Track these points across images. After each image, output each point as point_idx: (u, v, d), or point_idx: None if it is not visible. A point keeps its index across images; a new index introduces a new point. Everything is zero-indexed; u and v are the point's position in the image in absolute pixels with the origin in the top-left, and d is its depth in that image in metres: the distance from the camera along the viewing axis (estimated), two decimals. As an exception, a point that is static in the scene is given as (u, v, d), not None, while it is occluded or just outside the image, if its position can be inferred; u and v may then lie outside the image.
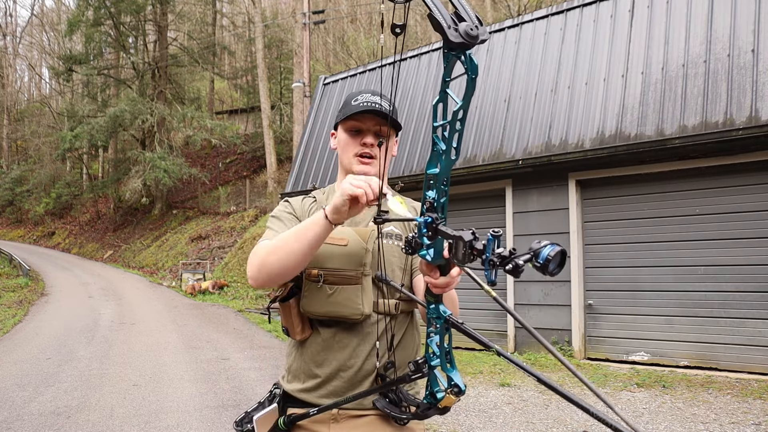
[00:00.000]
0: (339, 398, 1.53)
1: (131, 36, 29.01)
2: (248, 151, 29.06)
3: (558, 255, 0.92)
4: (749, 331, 6.22)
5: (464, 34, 0.89)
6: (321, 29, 27.00)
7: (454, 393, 1.23)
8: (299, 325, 1.59)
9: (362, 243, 1.53)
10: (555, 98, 7.82)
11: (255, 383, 6.46)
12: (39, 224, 35.45)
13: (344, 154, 1.67)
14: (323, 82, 11.79)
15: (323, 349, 1.58)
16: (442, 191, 1.10)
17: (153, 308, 13.54)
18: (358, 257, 1.53)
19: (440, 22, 0.90)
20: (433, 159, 1.08)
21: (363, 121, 1.63)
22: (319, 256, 1.53)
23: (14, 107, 42.70)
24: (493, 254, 0.96)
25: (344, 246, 1.53)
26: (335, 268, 1.52)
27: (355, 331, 1.55)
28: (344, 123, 1.67)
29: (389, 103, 1.64)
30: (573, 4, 8.22)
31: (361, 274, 1.52)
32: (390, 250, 1.58)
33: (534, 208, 7.81)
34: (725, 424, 4.68)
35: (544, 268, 0.92)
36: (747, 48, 6.42)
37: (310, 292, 1.54)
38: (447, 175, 1.08)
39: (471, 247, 0.99)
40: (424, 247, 1.14)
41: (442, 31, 0.90)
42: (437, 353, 1.25)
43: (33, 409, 5.55)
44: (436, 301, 1.23)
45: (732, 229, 6.40)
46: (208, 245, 21.55)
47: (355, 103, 1.63)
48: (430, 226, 1.09)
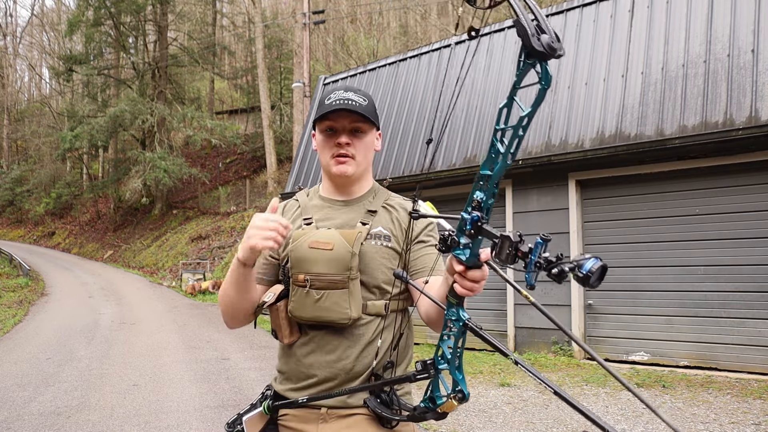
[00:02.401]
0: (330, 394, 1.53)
1: (131, 36, 29.02)
2: (248, 151, 29.06)
3: (599, 270, 0.94)
4: (749, 331, 6.22)
5: (546, 45, 0.91)
6: (321, 29, 27.00)
7: (457, 399, 1.22)
8: (287, 328, 1.58)
9: (348, 246, 1.51)
10: (555, 98, 7.82)
11: (255, 383, 6.47)
12: (39, 224, 35.46)
13: (322, 155, 1.65)
14: (323, 82, 11.79)
15: (312, 352, 1.56)
16: (492, 193, 1.10)
17: (153, 308, 13.54)
18: (344, 261, 1.50)
19: (526, 29, 0.92)
20: (488, 161, 1.08)
21: (336, 119, 1.59)
22: (305, 261, 1.52)
23: (14, 107, 42.71)
24: (540, 257, 0.97)
25: (330, 250, 1.51)
26: (321, 273, 1.50)
27: (345, 334, 1.54)
28: (319, 123, 1.63)
29: (364, 98, 1.60)
30: (573, 4, 8.22)
31: (348, 278, 1.51)
32: (378, 251, 1.56)
33: (534, 208, 7.81)
34: (725, 424, 4.68)
35: (585, 280, 0.93)
36: (747, 48, 6.42)
37: (297, 297, 1.53)
38: (499, 178, 1.09)
39: (516, 248, 1.00)
40: (461, 246, 1.13)
41: (526, 38, 0.92)
42: (448, 357, 1.24)
43: (33, 409, 5.55)
44: (458, 304, 1.21)
45: (732, 229, 6.40)
46: (208, 245, 21.55)
47: (328, 102, 1.59)
48: (475, 224, 1.09)
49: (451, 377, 1.24)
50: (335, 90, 1.63)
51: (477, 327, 1.21)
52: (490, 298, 8.12)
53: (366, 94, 1.63)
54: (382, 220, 1.62)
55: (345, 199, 1.67)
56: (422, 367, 1.30)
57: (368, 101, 1.61)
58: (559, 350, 7.42)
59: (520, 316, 7.87)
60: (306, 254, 1.52)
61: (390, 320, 1.58)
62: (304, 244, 1.54)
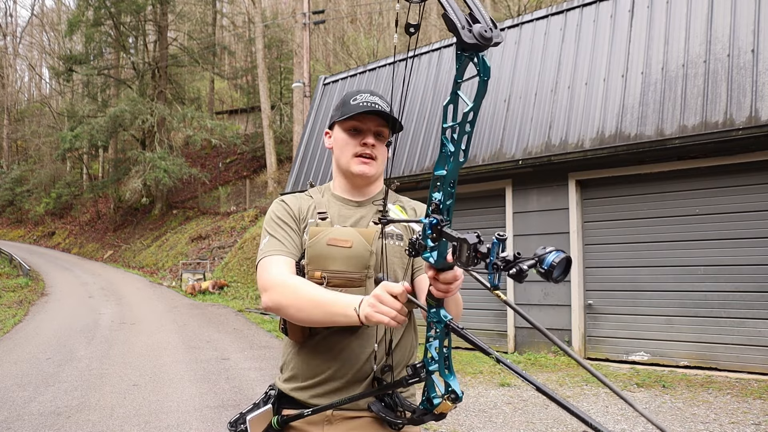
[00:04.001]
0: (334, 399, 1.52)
1: (131, 36, 29.00)
2: (248, 151, 29.05)
3: (563, 262, 0.92)
4: (749, 331, 6.22)
5: (478, 35, 0.89)
6: (321, 29, 27.01)
7: (450, 399, 1.22)
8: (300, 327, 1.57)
9: (366, 245, 1.52)
10: (555, 98, 7.82)
11: (255, 383, 6.47)
12: (39, 224, 35.45)
13: (342, 153, 1.65)
14: (323, 82, 11.79)
15: (322, 351, 1.56)
16: (449, 193, 1.09)
17: (153, 308, 13.54)
18: (362, 259, 1.51)
19: (454, 23, 0.90)
20: (441, 161, 1.07)
21: (364, 121, 1.61)
22: (323, 258, 1.51)
23: (14, 107, 42.70)
24: (497, 258, 0.96)
25: (349, 248, 1.51)
26: (340, 271, 1.50)
27: (356, 333, 1.53)
28: (343, 123, 1.64)
29: (387, 104, 1.63)
30: (573, 4, 8.22)
31: (365, 276, 1.51)
32: (392, 251, 1.57)
33: (534, 208, 7.81)
34: (725, 424, 4.68)
35: (548, 275, 0.92)
36: (747, 48, 6.42)
37: None
38: (454, 177, 1.07)
39: (475, 249, 0.99)
40: (428, 249, 1.13)
41: (456, 32, 0.90)
42: (436, 358, 1.23)
43: (33, 409, 5.55)
44: (437, 305, 1.21)
45: (732, 229, 6.40)
46: (208, 245, 21.55)
47: (354, 103, 1.61)
48: (435, 227, 1.09)
49: (443, 379, 1.24)
50: (359, 93, 1.65)
51: (458, 327, 1.20)
52: (490, 297, 8.12)
53: (386, 100, 1.65)
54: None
55: (359, 199, 1.68)
56: (413, 372, 1.30)
57: (390, 108, 1.63)
58: (559, 350, 7.42)
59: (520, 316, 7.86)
60: (324, 251, 1.51)
61: None
62: (322, 241, 1.52)
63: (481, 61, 0.92)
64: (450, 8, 0.91)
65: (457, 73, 0.97)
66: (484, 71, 0.93)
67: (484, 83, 0.94)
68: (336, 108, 1.70)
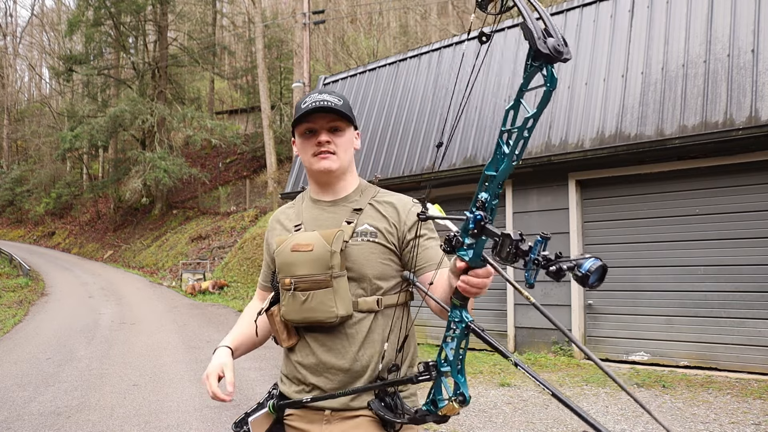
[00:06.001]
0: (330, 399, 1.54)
1: (131, 36, 29.00)
2: (248, 151, 29.05)
3: (599, 269, 0.93)
4: (749, 331, 6.22)
5: (552, 48, 0.92)
6: (321, 29, 27.00)
7: (458, 401, 1.22)
8: (284, 332, 1.63)
9: (327, 246, 1.54)
10: (555, 98, 7.81)
11: (255, 383, 6.47)
12: (39, 224, 35.45)
13: (304, 156, 1.68)
14: (323, 82, 11.79)
15: (309, 354, 1.60)
16: (495, 194, 1.11)
17: (153, 308, 13.54)
18: (324, 260, 1.54)
19: (532, 32, 0.93)
20: (494, 161, 1.08)
21: (314, 120, 1.64)
22: (289, 265, 1.57)
23: (14, 107, 42.69)
24: (539, 255, 0.97)
25: (310, 251, 1.55)
26: (304, 275, 1.55)
27: (338, 334, 1.56)
28: (298, 127, 1.67)
29: (339, 98, 1.65)
30: (573, 4, 8.22)
31: (330, 276, 1.53)
32: (364, 247, 1.59)
33: (534, 208, 7.81)
34: (725, 424, 4.68)
35: (584, 279, 0.93)
36: (747, 48, 6.42)
37: (286, 301, 1.58)
38: (504, 178, 1.09)
39: (516, 246, 1.00)
40: (465, 246, 1.14)
41: (532, 41, 0.93)
42: (450, 359, 1.24)
43: (33, 409, 5.55)
44: (462, 306, 1.22)
45: (732, 229, 6.40)
46: (208, 245, 21.55)
47: (304, 105, 1.63)
48: (478, 223, 1.10)
49: (453, 380, 1.24)
50: (309, 95, 1.68)
51: (479, 329, 1.21)
52: (490, 298, 8.12)
53: (340, 95, 1.67)
54: (368, 217, 1.63)
55: (332, 198, 1.70)
56: (424, 369, 1.30)
57: (343, 101, 1.65)
58: (559, 350, 7.42)
59: (520, 316, 7.87)
60: (289, 258, 1.57)
61: (387, 315, 1.59)
62: (287, 248, 1.59)
63: (550, 73, 0.96)
64: (529, 19, 0.94)
65: (524, 81, 1.00)
66: (551, 82, 0.96)
67: (549, 92, 0.97)
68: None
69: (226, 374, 1.64)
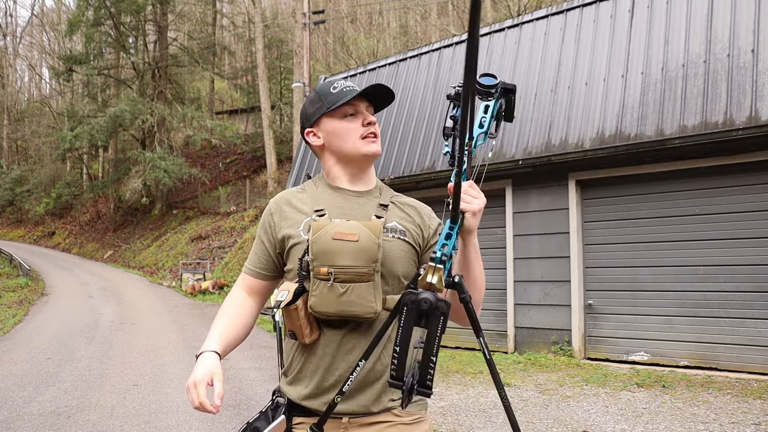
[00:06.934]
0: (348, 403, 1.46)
1: (131, 36, 29.00)
2: (248, 151, 29.05)
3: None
4: (749, 331, 6.22)
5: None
6: (321, 29, 27.00)
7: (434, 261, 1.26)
8: (308, 327, 1.49)
9: (374, 238, 1.46)
10: (555, 98, 7.82)
11: (255, 383, 6.46)
12: (39, 224, 35.46)
13: (346, 140, 1.59)
14: (323, 82, 11.78)
15: (331, 352, 1.50)
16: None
17: (153, 308, 13.54)
18: (370, 253, 1.45)
19: None
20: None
21: (356, 105, 1.60)
22: (327, 253, 1.45)
23: (14, 107, 42.69)
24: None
25: (355, 242, 1.45)
26: (347, 266, 1.44)
27: (364, 331, 1.48)
28: (335, 112, 1.59)
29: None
30: (573, 4, 8.22)
31: (374, 270, 1.45)
32: (395, 244, 1.53)
33: (534, 208, 7.80)
34: (725, 424, 4.68)
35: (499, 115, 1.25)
36: (747, 48, 6.42)
37: (319, 292, 1.45)
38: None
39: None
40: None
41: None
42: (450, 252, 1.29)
43: (33, 409, 5.55)
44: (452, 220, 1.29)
45: (732, 229, 6.40)
46: (208, 245, 21.55)
47: (336, 91, 1.59)
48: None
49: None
50: (332, 82, 1.64)
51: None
52: (491, 298, 8.12)
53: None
54: (394, 215, 1.59)
55: (359, 189, 1.63)
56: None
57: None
58: (559, 350, 7.42)
59: (520, 316, 7.87)
60: (330, 246, 1.45)
61: None
62: (327, 235, 1.47)
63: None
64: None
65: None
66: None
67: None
68: (312, 103, 1.65)
69: (215, 385, 1.46)
